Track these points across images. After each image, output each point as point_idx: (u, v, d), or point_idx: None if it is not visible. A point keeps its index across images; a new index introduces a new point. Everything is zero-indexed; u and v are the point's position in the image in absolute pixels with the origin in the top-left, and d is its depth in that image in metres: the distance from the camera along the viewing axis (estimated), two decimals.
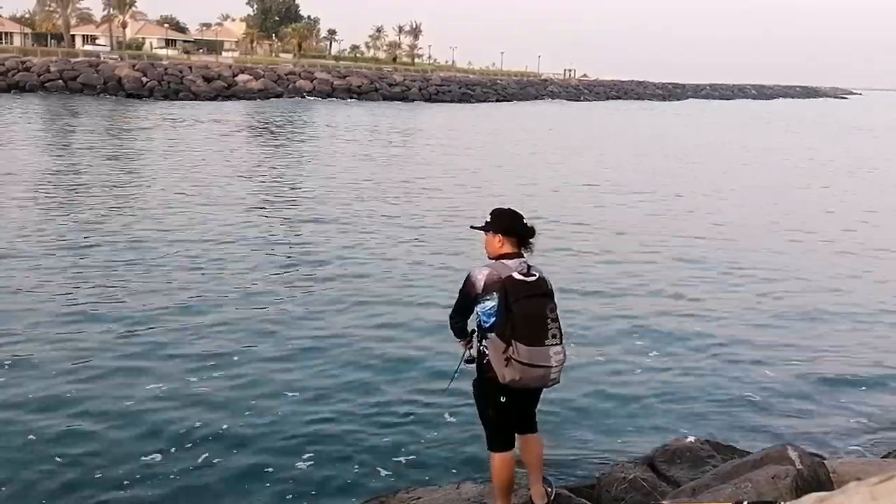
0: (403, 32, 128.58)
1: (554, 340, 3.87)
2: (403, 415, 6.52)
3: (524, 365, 3.82)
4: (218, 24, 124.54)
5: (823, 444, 6.25)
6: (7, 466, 5.45)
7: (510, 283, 3.89)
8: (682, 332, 8.88)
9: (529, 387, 3.96)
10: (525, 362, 3.82)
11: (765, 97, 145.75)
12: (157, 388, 6.81)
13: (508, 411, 4.07)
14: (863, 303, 10.54)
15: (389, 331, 8.59)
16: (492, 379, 3.96)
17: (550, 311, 3.90)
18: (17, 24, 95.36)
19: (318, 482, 5.44)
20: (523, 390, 3.98)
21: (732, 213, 17.74)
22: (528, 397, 4.14)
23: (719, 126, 55.30)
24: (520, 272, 3.93)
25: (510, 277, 3.90)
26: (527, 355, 3.82)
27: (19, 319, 8.39)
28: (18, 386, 6.73)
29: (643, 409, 6.84)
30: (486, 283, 3.95)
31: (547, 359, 3.84)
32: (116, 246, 11.88)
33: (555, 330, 3.88)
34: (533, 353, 3.82)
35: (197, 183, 18.86)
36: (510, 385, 3.90)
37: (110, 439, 5.90)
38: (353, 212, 15.71)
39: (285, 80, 68.72)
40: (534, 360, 3.82)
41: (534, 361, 3.82)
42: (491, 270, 3.98)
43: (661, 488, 4.67)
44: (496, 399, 4.03)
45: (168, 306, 9.07)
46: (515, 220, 4.11)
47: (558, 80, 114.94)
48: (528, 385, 3.93)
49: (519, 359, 3.83)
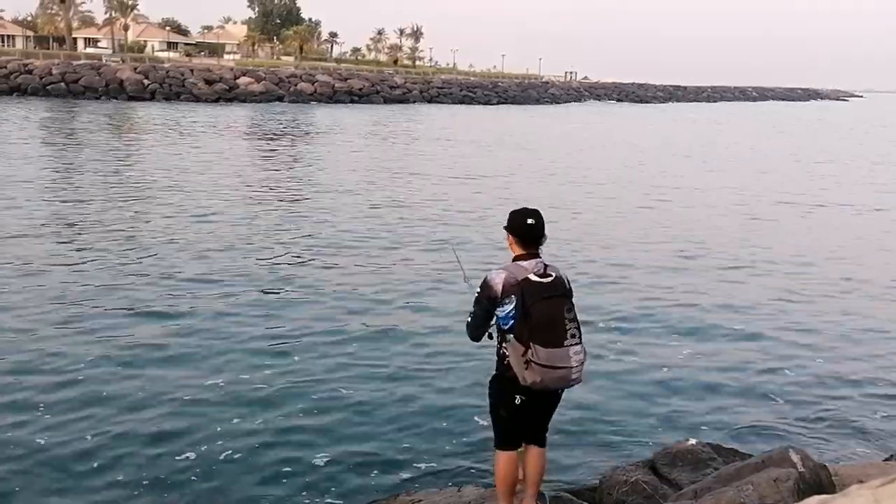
0: (404, 35, 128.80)
1: (573, 340, 3.86)
2: (404, 416, 6.51)
3: (544, 367, 3.81)
4: (219, 26, 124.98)
5: (826, 447, 6.24)
6: (21, 463, 5.46)
7: (527, 285, 3.86)
8: (683, 335, 8.88)
9: (550, 388, 3.94)
10: (545, 364, 3.81)
11: (765, 99, 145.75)
12: (158, 389, 6.82)
13: (521, 413, 4.05)
14: (866, 306, 10.52)
15: (392, 332, 8.59)
16: (511, 379, 3.93)
17: (568, 311, 3.88)
18: (19, 27, 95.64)
19: (317, 484, 5.43)
20: (542, 392, 3.96)
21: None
22: (547, 402, 4.10)
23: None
24: (536, 273, 3.90)
25: (527, 279, 3.87)
26: (546, 357, 3.80)
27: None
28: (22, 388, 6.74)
29: (644, 411, 6.83)
30: (505, 287, 3.90)
31: (567, 359, 3.83)
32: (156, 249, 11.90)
33: (573, 330, 3.87)
34: (552, 354, 3.80)
35: (233, 196, 18.88)
36: (531, 387, 3.89)
37: (118, 438, 5.90)
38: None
39: (287, 82, 68.78)
40: (553, 362, 3.81)
41: (553, 363, 3.81)
42: (507, 273, 3.94)
43: (663, 491, 4.66)
44: (511, 399, 4.01)
45: (169, 307, 9.10)
46: (522, 218, 4.04)
47: (559, 82, 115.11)
48: (549, 386, 3.91)
49: (538, 361, 3.81)
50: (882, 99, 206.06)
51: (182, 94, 60.72)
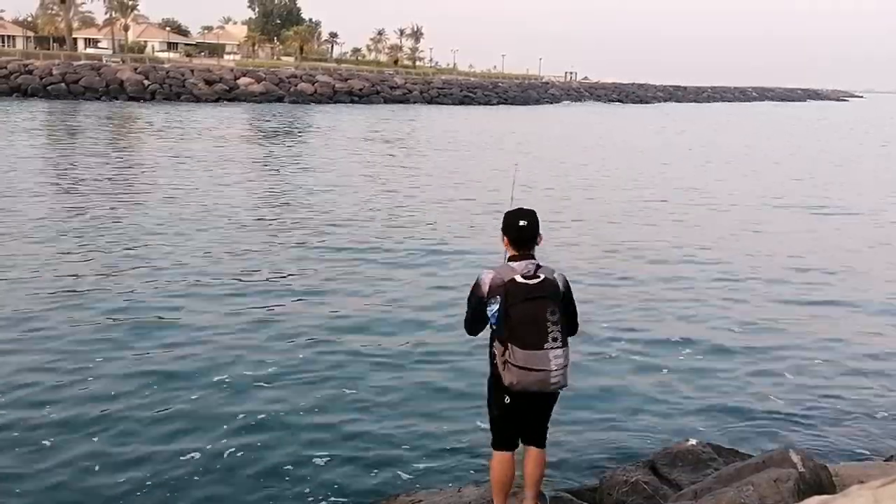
0: (404, 35, 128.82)
1: (555, 343, 3.79)
2: (405, 416, 6.51)
3: (521, 369, 3.78)
4: (219, 27, 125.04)
5: (826, 447, 6.24)
6: (28, 461, 5.47)
7: (511, 286, 3.85)
8: (683, 336, 8.87)
9: (529, 390, 3.88)
10: (521, 366, 3.78)
11: (765, 99, 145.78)
12: (159, 389, 6.83)
13: (511, 413, 4.05)
14: (867, 306, 10.52)
15: (393, 332, 8.60)
16: (499, 378, 3.95)
17: (551, 313, 3.82)
18: (19, 28, 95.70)
19: (317, 484, 5.43)
20: (525, 394, 3.93)
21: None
22: (533, 404, 4.05)
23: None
24: (523, 274, 3.88)
25: (512, 280, 3.86)
26: (523, 359, 3.77)
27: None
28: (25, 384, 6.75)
29: (645, 411, 6.82)
30: (491, 287, 3.91)
31: (546, 362, 3.77)
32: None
33: (556, 333, 3.80)
34: (530, 356, 3.77)
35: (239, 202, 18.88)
36: (510, 388, 3.89)
37: (121, 438, 5.91)
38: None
39: (287, 83, 68.78)
40: (530, 364, 3.77)
41: (530, 365, 3.77)
42: (495, 274, 3.94)
43: (663, 491, 4.66)
44: (501, 399, 4.02)
45: (169, 308, 9.10)
46: (514, 219, 4.03)
47: (559, 82, 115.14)
48: (528, 388, 3.86)
49: (515, 362, 3.79)
50: (882, 99, 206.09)
51: (182, 94, 60.73)
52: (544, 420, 4.20)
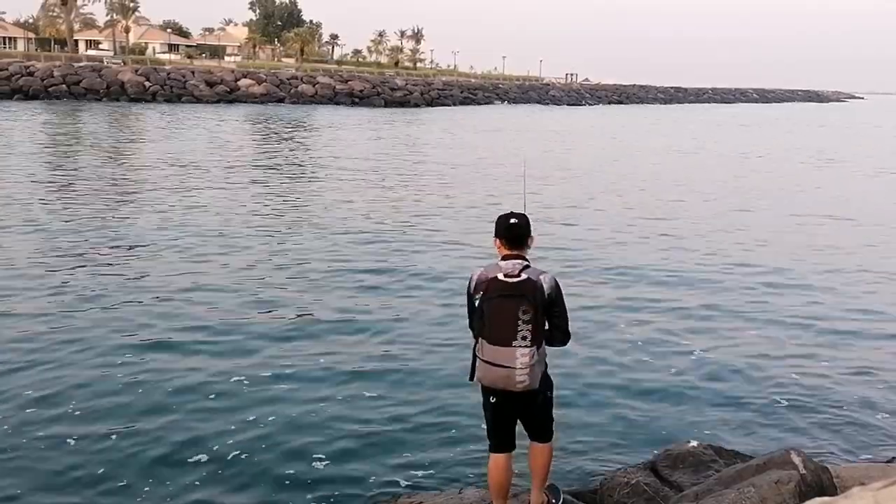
0: (405, 37, 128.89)
1: (523, 342, 3.86)
2: (405, 419, 6.50)
3: (487, 363, 3.91)
4: (220, 28, 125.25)
5: (827, 449, 6.24)
6: (31, 460, 5.47)
7: (492, 283, 3.96)
8: (684, 336, 8.87)
9: (496, 387, 3.98)
10: (487, 360, 3.91)
11: (765, 101, 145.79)
12: (159, 389, 6.83)
13: (498, 413, 4.13)
14: (867, 306, 10.51)
15: (395, 332, 8.59)
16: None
17: (524, 312, 3.87)
18: (20, 29, 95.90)
19: (318, 486, 5.42)
20: (503, 393, 3.99)
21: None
22: (516, 405, 4.09)
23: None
24: (506, 273, 3.96)
25: (494, 278, 3.97)
26: (490, 354, 3.89)
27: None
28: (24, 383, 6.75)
29: (646, 413, 6.81)
30: (477, 283, 4.04)
31: (512, 360, 3.85)
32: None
33: (525, 332, 3.86)
34: (496, 352, 3.87)
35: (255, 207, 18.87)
36: (480, 382, 4.02)
37: (121, 437, 5.91)
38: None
39: (287, 84, 68.89)
40: (495, 360, 3.88)
41: (495, 360, 3.88)
42: (483, 271, 4.07)
43: (664, 493, 4.66)
44: (487, 398, 4.14)
45: (175, 306, 9.11)
46: (505, 220, 4.15)
47: (560, 84, 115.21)
48: (494, 385, 3.97)
49: (482, 357, 3.93)
50: (883, 101, 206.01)
51: (183, 95, 60.87)
52: (532, 419, 4.24)
